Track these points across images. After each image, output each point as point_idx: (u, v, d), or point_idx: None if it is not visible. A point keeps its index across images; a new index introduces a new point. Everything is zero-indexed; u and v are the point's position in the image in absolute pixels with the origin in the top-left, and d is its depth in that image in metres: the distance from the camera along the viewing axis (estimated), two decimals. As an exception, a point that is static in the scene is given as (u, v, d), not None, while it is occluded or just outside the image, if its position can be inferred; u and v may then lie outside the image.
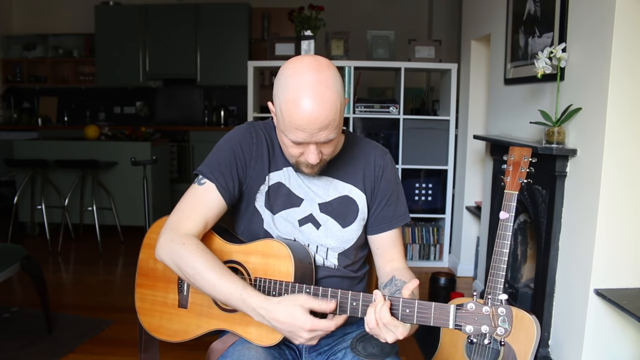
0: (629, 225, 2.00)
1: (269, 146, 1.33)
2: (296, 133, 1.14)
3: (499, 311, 1.01)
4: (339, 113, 1.14)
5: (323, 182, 1.34)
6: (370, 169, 1.36)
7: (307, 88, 1.11)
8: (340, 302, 1.14)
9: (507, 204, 1.67)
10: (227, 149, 1.30)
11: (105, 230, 4.56)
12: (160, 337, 1.34)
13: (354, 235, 1.35)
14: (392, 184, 1.37)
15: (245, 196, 1.35)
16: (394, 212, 1.37)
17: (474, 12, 3.66)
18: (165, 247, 1.23)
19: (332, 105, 1.12)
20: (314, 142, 1.16)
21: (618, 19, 1.89)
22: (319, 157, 1.19)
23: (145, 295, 1.38)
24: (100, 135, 4.90)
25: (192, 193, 1.28)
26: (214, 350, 1.34)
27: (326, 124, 1.12)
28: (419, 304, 1.06)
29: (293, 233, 1.33)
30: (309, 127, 1.12)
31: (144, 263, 1.39)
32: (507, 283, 2.84)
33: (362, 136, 1.44)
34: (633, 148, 1.96)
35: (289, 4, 4.73)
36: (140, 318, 1.37)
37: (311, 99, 1.10)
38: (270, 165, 1.33)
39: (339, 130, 1.17)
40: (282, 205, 1.33)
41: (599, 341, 2.06)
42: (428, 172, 4.03)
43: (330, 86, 1.12)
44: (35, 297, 2.70)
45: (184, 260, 1.19)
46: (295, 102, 1.11)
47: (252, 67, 3.99)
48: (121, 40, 6.16)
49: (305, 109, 1.10)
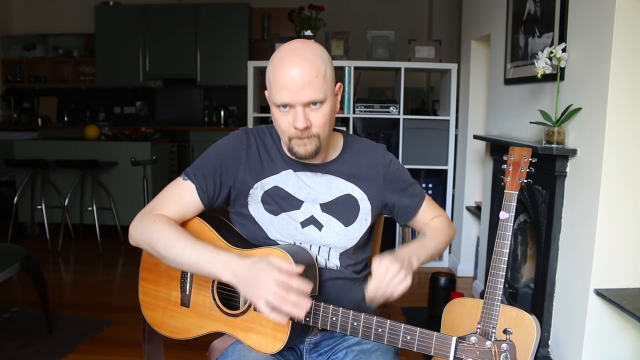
0: (629, 225, 2.00)
1: (261, 152, 1.34)
2: (281, 93, 1.19)
3: (502, 347, 1.00)
4: (322, 76, 1.20)
5: (325, 180, 1.34)
6: (374, 169, 1.38)
7: (290, 52, 1.21)
8: (341, 322, 1.15)
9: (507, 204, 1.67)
10: (214, 156, 1.34)
11: (105, 230, 4.56)
12: (163, 333, 1.34)
13: (356, 235, 1.35)
14: (401, 174, 1.43)
15: (236, 202, 1.35)
16: (413, 195, 1.44)
17: (474, 12, 3.66)
18: (137, 227, 1.26)
19: (313, 64, 1.19)
20: (299, 103, 1.19)
21: (618, 18, 1.89)
22: (306, 122, 1.21)
23: (148, 289, 1.38)
24: (100, 135, 4.90)
25: (174, 186, 1.33)
26: (215, 349, 1.34)
27: (308, 80, 1.17)
28: (421, 332, 1.08)
29: (295, 236, 1.32)
30: (290, 84, 1.17)
31: (148, 257, 1.38)
32: (507, 283, 2.84)
33: (358, 136, 1.46)
34: (633, 148, 1.96)
35: (289, 4, 4.73)
36: (143, 312, 1.36)
37: (293, 59, 1.19)
38: (266, 170, 1.33)
39: (325, 95, 1.21)
40: (282, 208, 1.32)
41: (599, 341, 2.06)
42: (428, 172, 4.03)
43: (313, 52, 1.21)
44: (35, 297, 2.70)
45: (154, 234, 1.22)
46: (279, 62, 1.20)
47: (252, 67, 3.99)
48: (121, 40, 6.16)
49: (288, 66, 1.18)
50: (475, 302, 1.83)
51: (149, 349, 1.47)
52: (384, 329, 1.11)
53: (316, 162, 1.33)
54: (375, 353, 1.28)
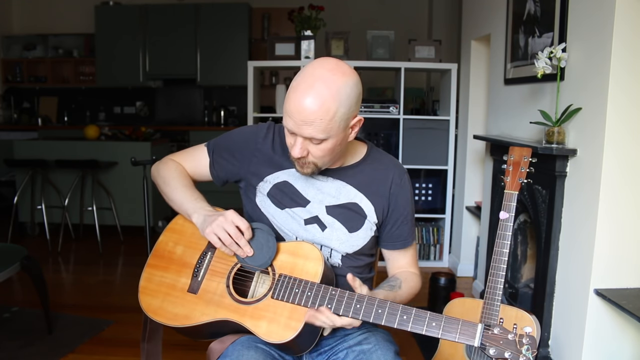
0: (629, 225, 2.00)
1: (276, 147, 1.38)
2: (286, 118, 1.19)
3: (524, 340, 1.01)
4: (329, 118, 1.15)
5: (336, 185, 1.35)
6: (386, 186, 1.37)
7: (309, 80, 1.16)
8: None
9: (507, 204, 1.67)
10: (234, 141, 1.43)
11: (105, 230, 4.56)
12: (158, 319, 1.32)
13: (360, 242, 1.36)
14: (409, 203, 1.41)
15: (244, 191, 1.43)
16: (409, 231, 1.42)
17: (474, 12, 3.66)
18: (157, 165, 1.50)
19: (322, 105, 1.14)
20: (301, 135, 1.19)
21: (618, 18, 1.89)
22: (301, 152, 1.21)
23: (153, 275, 1.38)
24: (100, 135, 4.90)
25: (197, 151, 1.48)
26: (213, 350, 1.34)
27: (311, 119, 1.15)
28: (447, 318, 1.09)
29: (298, 231, 1.35)
30: (295, 116, 1.16)
31: (163, 245, 1.41)
32: (507, 283, 2.84)
33: (384, 152, 1.45)
34: (633, 148, 1.96)
35: (289, 4, 4.73)
36: (140, 298, 1.35)
37: (305, 90, 1.15)
38: (278, 164, 1.37)
39: (329, 135, 1.18)
40: (287, 203, 1.35)
41: (599, 341, 2.06)
42: (428, 172, 4.03)
43: (331, 89, 1.14)
44: (35, 297, 2.70)
45: (161, 173, 1.45)
46: (296, 86, 1.17)
47: (252, 67, 3.99)
48: (121, 40, 6.16)
49: (296, 97, 1.16)
50: (475, 302, 1.83)
51: (147, 348, 1.46)
52: (409, 315, 1.12)
53: (331, 167, 1.34)
54: (376, 353, 1.28)
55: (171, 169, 1.45)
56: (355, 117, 1.23)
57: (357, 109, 1.23)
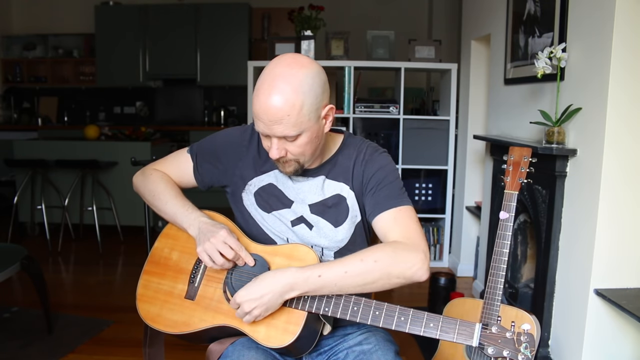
0: (629, 225, 2.00)
1: (261, 149, 1.35)
2: (257, 122, 1.19)
3: (522, 338, 1.01)
4: (297, 112, 1.14)
5: (315, 182, 1.34)
6: (358, 163, 1.33)
7: (269, 79, 1.15)
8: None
9: (507, 204, 1.67)
10: (218, 143, 1.41)
11: (105, 230, 4.56)
12: (156, 327, 1.32)
13: (346, 235, 1.35)
14: (383, 171, 1.30)
15: (231, 195, 1.42)
16: (388, 195, 1.28)
17: (474, 12, 3.66)
18: (138, 177, 1.46)
19: (287, 101, 1.13)
20: (273, 135, 1.18)
21: (618, 18, 1.89)
22: (279, 153, 1.20)
23: (150, 282, 1.37)
24: (100, 135, 4.90)
25: (179, 156, 1.46)
26: (212, 351, 1.34)
27: (279, 117, 1.14)
28: (444, 319, 1.08)
29: (287, 233, 1.35)
30: (263, 117, 1.16)
31: (158, 251, 1.40)
32: (507, 283, 2.84)
33: (360, 137, 1.42)
34: (633, 148, 1.96)
35: (289, 4, 4.73)
36: (139, 305, 1.35)
37: (268, 90, 1.14)
38: (263, 167, 1.36)
39: (300, 130, 1.16)
40: (274, 205, 1.35)
41: (599, 341, 2.06)
42: (428, 172, 4.03)
43: (292, 83, 1.13)
44: (35, 297, 2.70)
45: (148, 185, 1.41)
46: (257, 90, 1.17)
47: (252, 67, 3.99)
48: (121, 40, 6.16)
49: (260, 98, 1.15)
50: (475, 302, 1.84)
51: (149, 352, 1.46)
52: (406, 317, 1.12)
53: (310, 167, 1.33)
54: (376, 353, 1.28)
55: (157, 180, 1.42)
56: (325, 106, 1.21)
57: (326, 98, 1.21)
